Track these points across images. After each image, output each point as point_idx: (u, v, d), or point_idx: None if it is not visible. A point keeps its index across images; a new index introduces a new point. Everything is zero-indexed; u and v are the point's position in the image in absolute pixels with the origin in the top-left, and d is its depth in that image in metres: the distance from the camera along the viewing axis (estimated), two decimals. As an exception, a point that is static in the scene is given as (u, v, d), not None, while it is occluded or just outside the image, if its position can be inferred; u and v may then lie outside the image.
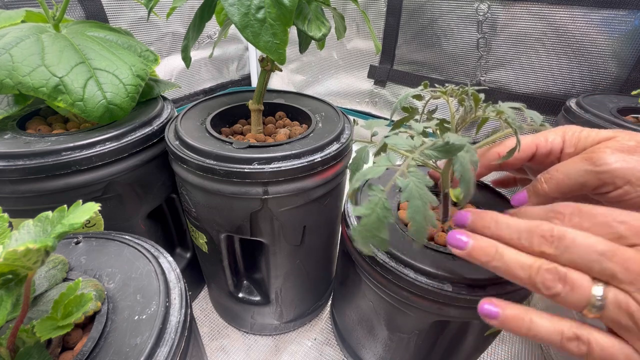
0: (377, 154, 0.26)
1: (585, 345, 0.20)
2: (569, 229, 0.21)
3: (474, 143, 0.31)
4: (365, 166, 0.28)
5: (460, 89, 0.28)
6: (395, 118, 0.35)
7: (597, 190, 0.25)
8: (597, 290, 0.20)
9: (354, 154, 0.28)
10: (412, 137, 0.25)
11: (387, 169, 0.23)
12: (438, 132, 0.30)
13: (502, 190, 0.38)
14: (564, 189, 0.26)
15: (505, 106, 0.26)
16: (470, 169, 0.23)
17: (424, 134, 0.26)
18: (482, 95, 0.28)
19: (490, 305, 0.23)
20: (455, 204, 0.33)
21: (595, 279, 0.20)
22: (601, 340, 0.20)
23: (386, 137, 0.25)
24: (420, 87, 0.31)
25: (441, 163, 0.30)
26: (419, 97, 0.32)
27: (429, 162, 0.28)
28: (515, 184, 0.37)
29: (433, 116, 0.32)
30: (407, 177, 0.22)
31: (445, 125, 0.30)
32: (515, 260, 0.22)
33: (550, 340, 0.21)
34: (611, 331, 0.20)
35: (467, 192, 0.24)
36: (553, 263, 0.21)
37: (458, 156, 0.23)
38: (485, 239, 0.24)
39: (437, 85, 0.31)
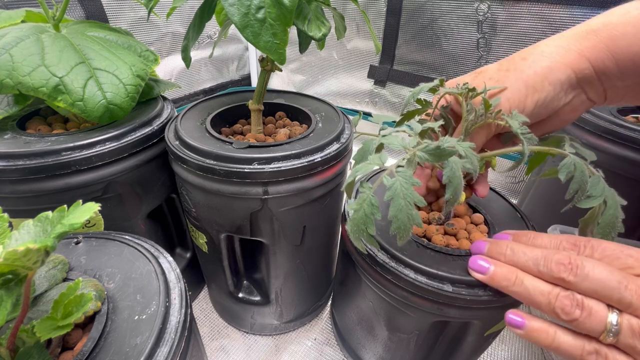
0: (376, 150, 0.26)
1: (603, 359, 0.21)
2: (585, 258, 0.22)
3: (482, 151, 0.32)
4: (370, 157, 0.28)
5: (475, 93, 0.28)
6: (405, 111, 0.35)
7: None
8: (613, 317, 0.21)
9: (354, 152, 0.28)
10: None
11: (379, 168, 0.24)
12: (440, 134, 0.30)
13: (502, 191, 0.38)
14: None
15: (514, 120, 0.26)
16: (460, 175, 0.24)
17: (422, 134, 0.26)
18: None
19: (515, 316, 0.24)
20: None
21: (610, 306, 0.21)
22: (619, 357, 0.21)
23: (383, 136, 0.25)
24: (436, 82, 0.31)
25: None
26: (433, 91, 0.32)
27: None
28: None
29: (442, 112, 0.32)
30: (395, 176, 0.23)
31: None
32: (534, 286, 0.23)
33: (571, 353, 0.22)
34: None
35: (455, 197, 0.24)
36: (569, 290, 0.22)
37: (449, 161, 0.24)
38: (506, 266, 0.25)
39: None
